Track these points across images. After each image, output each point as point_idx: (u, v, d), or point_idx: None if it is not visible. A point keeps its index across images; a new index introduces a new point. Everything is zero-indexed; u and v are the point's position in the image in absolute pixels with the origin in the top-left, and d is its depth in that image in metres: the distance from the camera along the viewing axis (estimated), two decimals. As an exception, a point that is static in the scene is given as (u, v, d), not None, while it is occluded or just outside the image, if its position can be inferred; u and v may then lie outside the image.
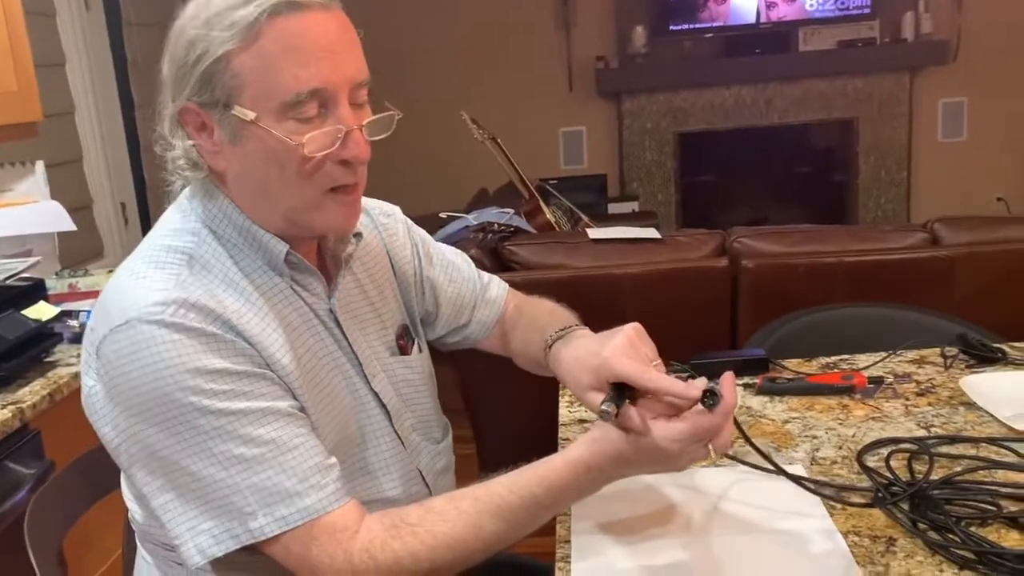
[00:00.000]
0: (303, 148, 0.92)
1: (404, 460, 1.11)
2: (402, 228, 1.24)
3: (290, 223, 0.98)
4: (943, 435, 1.25)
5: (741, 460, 1.21)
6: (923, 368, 1.51)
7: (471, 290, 1.30)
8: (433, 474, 1.16)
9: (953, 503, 1.05)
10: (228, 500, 0.90)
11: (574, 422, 1.39)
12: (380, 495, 1.08)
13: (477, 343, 1.32)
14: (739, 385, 1.47)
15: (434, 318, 1.27)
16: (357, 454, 1.06)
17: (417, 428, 1.15)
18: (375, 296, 1.15)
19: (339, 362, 1.05)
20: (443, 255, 1.30)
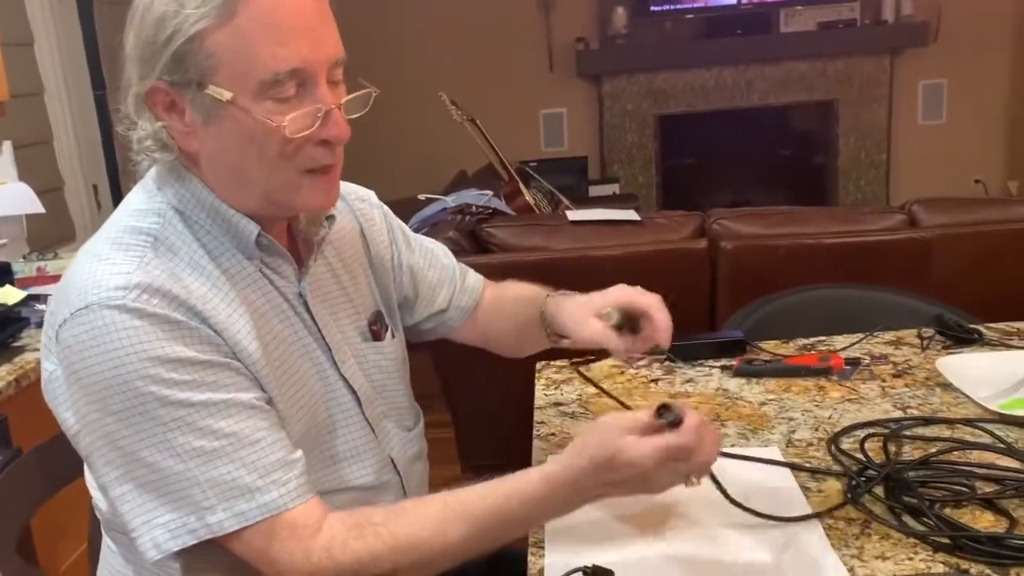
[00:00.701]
0: (284, 129, 0.90)
1: (375, 447, 1.10)
2: (378, 213, 1.22)
3: (267, 203, 0.96)
4: (919, 416, 1.25)
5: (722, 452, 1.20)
6: (900, 349, 1.51)
7: (450, 276, 1.30)
8: (405, 461, 1.15)
9: (928, 485, 1.05)
10: (186, 493, 0.88)
11: (549, 405, 1.39)
12: (350, 483, 1.06)
13: (452, 331, 1.31)
14: (716, 367, 1.47)
15: (412, 303, 1.26)
16: (327, 441, 1.05)
17: (388, 415, 1.14)
18: (347, 282, 1.13)
19: (308, 348, 1.04)
20: (421, 242, 1.30)
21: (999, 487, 1.04)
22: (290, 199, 0.96)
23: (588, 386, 1.44)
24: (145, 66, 0.91)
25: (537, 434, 1.29)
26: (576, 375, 1.49)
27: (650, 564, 0.96)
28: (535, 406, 1.38)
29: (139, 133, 0.95)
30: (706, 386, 1.42)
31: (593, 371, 1.50)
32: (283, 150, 0.91)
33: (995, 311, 1.64)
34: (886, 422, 1.23)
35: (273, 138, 0.90)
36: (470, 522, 0.91)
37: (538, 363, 1.54)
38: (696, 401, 1.36)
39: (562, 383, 1.47)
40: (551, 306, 1.18)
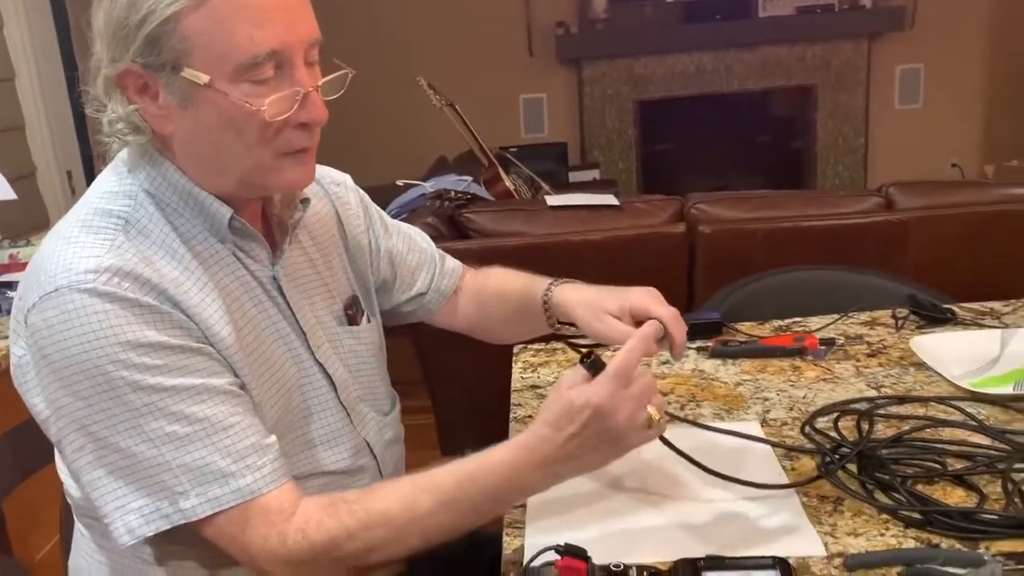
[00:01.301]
0: (263, 113, 0.89)
1: (350, 432, 1.09)
2: (354, 196, 1.22)
3: (243, 185, 0.96)
4: (892, 395, 1.26)
5: (695, 423, 1.21)
6: (874, 329, 1.52)
7: (430, 260, 1.30)
8: (381, 445, 1.15)
9: (900, 462, 1.06)
10: (159, 479, 0.88)
11: (526, 388, 1.39)
12: (326, 467, 1.06)
13: (430, 315, 1.31)
14: (692, 349, 1.48)
15: (391, 286, 1.26)
16: (302, 426, 1.04)
17: (364, 399, 1.13)
18: (322, 266, 1.12)
19: (282, 332, 1.03)
20: (398, 226, 1.29)
21: (970, 463, 1.06)
22: (267, 180, 0.95)
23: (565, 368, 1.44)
24: (117, 48, 0.89)
25: (514, 416, 1.30)
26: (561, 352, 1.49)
27: (626, 538, 0.96)
28: (512, 389, 1.39)
29: (109, 116, 0.93)
30: (682, 367, 1.42)
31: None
32: (262, 134, 0.91)
33: (970, 292, 1.66)
34: (860, 401, 1.24)
35: (252, 122, 0.90)
36: (439, 493, 0.91)
37: (516, 346, 1.54)
38: (672, 382, 1.37)
39: (539, 366, 1.47)
40: (558, 294, 1.17)
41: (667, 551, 0.92)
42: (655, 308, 1.08)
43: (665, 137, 5.30)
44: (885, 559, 0.88)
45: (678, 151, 5.34)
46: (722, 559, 0.87)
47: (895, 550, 0.91)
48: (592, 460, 0.91)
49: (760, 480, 1.03)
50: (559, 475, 0.91)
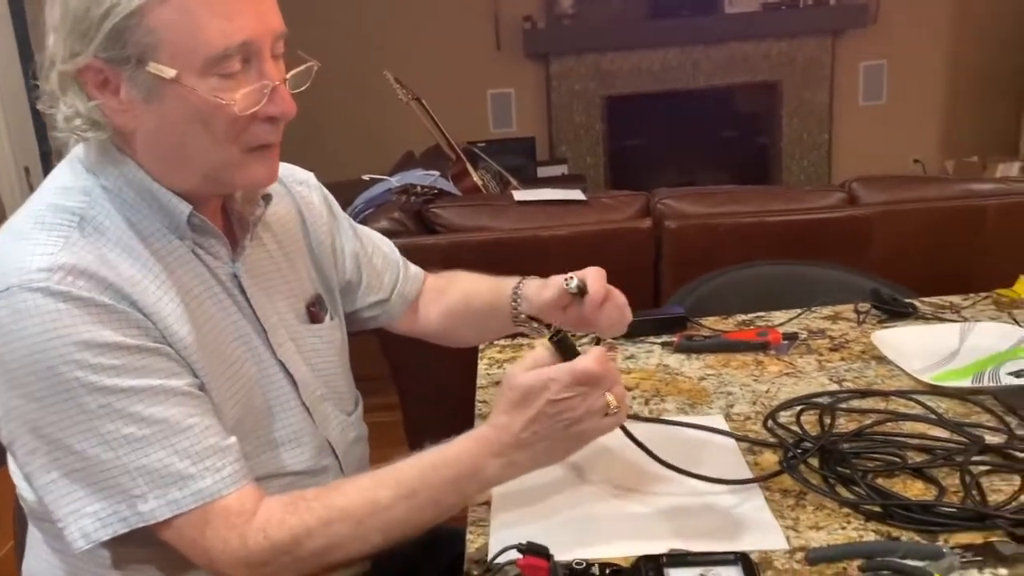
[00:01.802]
0: (234, 107, 0.88)
1: (312, 432, 1.08)
2: (317, 195, 1.21)
3: (207, 181, 0.94)
4: (854, 389, 1.27)
5: (658, 419, 1.21)
6: (837, 324, 1.53)
7: (394, 264, 1.30)
8: (344, 445, 1.14)
9: (861, 456, 1.07)
10: (116, 482, 0.86)
11: (492, 384, 1.38)
12: (288, 468, 1.05)
13: (391, 322, 1.31)
14: (657, 344, 1.48)
15: (356, 288, 1.25)
16: (263, 427, 1.03)
17: (327, 398, 1.13)
18: (284, 264, 1.11)
19: (242, 331, 1.02)
20: (362, 229, 1.29)
21: (929, 456, 1.07)
22: (233, 176, 0.95)
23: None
24: (76, 42, 0.87)
25: (479, 413, 1.29)
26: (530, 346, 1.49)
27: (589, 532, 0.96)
28: (477, 385, 1.38)
29: (66, 111, 0.91)
30: (647, 362, 1.42)
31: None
32: (230, 128, 0.90)
33: (933, 285, 1.67)
34: (822, 395, 1.25)
35: (220, 116, 0.89)
36: (399, 487, 0.90)
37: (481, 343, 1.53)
38: (637, 377, 1.37)
39: (505, 362, 1.47)
40: (528, 286, 1.19)
41: (630, 546, 0.92)
42: (589, 272, 1.11)
43: (632, 133, 5.31)
44: (846, 552, 0.88)
45: (645, 147, 5.35)
46: (684, 555, 0.87)
47: (856, 543, 0.91)
48: (551, 449, 0.91)
49: (724, 474, 1.03)
50: (518, 465, 0.91)
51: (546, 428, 0.89)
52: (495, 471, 0.91)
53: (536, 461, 0.92)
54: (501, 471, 0.91)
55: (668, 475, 1.03)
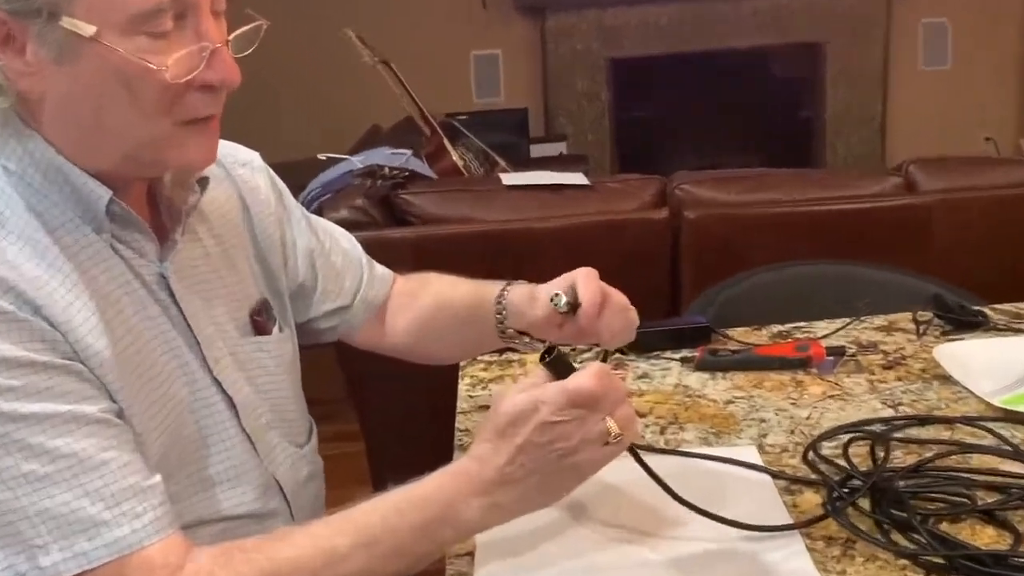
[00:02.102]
0: (166, 72, 0.88)
1: (256, 467, 1.08)
2: (263, 179, 1.21)
3: (130, 161, 0.94)
4: (912, 415, 1.27)
5: (677, 451, 1.21)
6: (892, 336, 1.53)
7: (356, 263, 1.30)
8: (294, 484, 1.14)
9: (921, 496, 1.07)
10: (13, 528, 0.85)
11: (475, 409, 1.38)
12: (225, 511, 1.05)
13: (352, 333, 1.31)
14: (675, 360, 1.48)
15: (311, 293, 1.25)
16: (195, 461, 1.03)
17: (274, 426, 1.12)
18: (223, 265, 1.11)
19: (171, 343, 1.01)
20: (318, 220, 1.29)
21: (1002, 496, 1.07)
22: (162, 156, 0.95)
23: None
24: None
25: (459, 444, 1.29)
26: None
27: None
28: (458, 410, 1.38)
29: None
30: (663, 382, 1.42)
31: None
32: (160, 98, 0.90)
33: (1005, 290, 1.68)
34: (874, 422, 1.25)
35: (149, 83, 0.88)
36: (359, 534, 0.90)
37: (462, 359, 1.54)
38: (651, 400, 1.37)
39: (490, 382, 1.47)
40: (515, 295, 1.19)
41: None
42: (579, 277, 1.10)
43: (644, 104, 5.32)
44: (902, 613, 0.88)
45: (660, 120, 5.36)
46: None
47: (914, 602, 0.91)
48: (542, 487, 0.90)
49: (756, 518, 1.03)
50: (503, 507, 0.90)
51: (536, 460, 0.88)
52: (475, 515, 0.90)
53: (525, 502, 0.91)
54: (483, 515, 0.90)
55: (687, 517, 1.03)
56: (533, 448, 0.88)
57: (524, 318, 1.18)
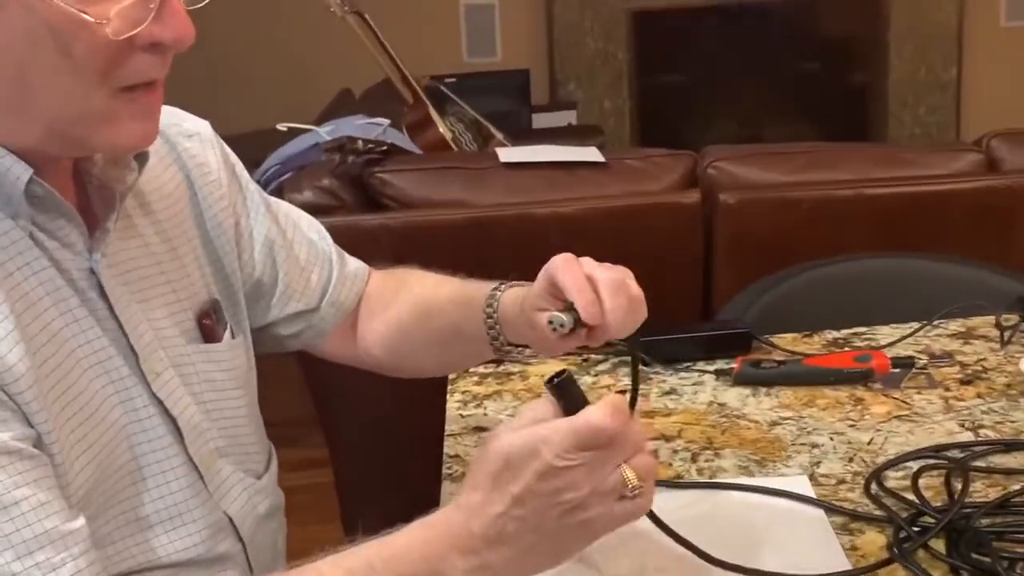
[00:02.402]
0: (106, 26, 0.88)
1: (204, 503, 1.08)
2: (214, 155, 1.21)
3: (54, 136, 0.94)
4: (995, 440, 1.27)
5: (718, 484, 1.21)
6: (971, 344, 1.53)
7: (324, 257, 1.31)
8: (251, 522, 1.14)
9: (1006, 537, 1.07)
10: None
11: (467, 431, 1.38)
12: (165, 557, 1.04)
13: (318, 342, 1.32)
14: (709, 372, 1.48)
15: (269, 292, 1.26)
16: (130, 497, 1.02)
17: (226, 452, 1.12)
18: (165, 258, 1.11)
19: (102, 355, 1.01)
20: (280, 204, 1.30)
21: (1105, 538, 1.07)
22: (94, 132, 0.94)
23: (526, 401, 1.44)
24: None
25: (448, 473, 1.29)
26: (506, 386, 1.49)
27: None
28: (446, 432, 1.39)
29: None
30: (694, 399, 1.42)
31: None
32: (98, 58, 0.89)
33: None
34: (950, 448, 1.25)
35: (85, 39, 0.88)
36: None
37: (451, 371, 1.54)
38: (680, 421, 1.37)
39: (485, 399, 1.47)
40: (507, 302, 1.17)
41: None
42: (559, 275, 1.04)
43: (671, 65, 5.32)
44: None
45: (689, 85, 5.37)
46: None
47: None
48: (542, 547, 0.89)
49: (808, 562, 1.03)
50: (493, 570, 0.89)
51: (536, 514, 0.87)
52: (463, 570, 0.89)
53: (521, 565, 0.90)
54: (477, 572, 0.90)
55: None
56: (533, 499, 0.87)
57: (519, 332, 1.17)
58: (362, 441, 2.63)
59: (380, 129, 2.99)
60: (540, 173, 2.58)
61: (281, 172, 2.73)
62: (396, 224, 2.44)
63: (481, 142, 3.82)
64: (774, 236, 2.40)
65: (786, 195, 2.46)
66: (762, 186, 2.49)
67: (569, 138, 4.11)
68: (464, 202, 2.52)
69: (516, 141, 3.76)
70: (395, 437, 2.45)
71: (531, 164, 2.61)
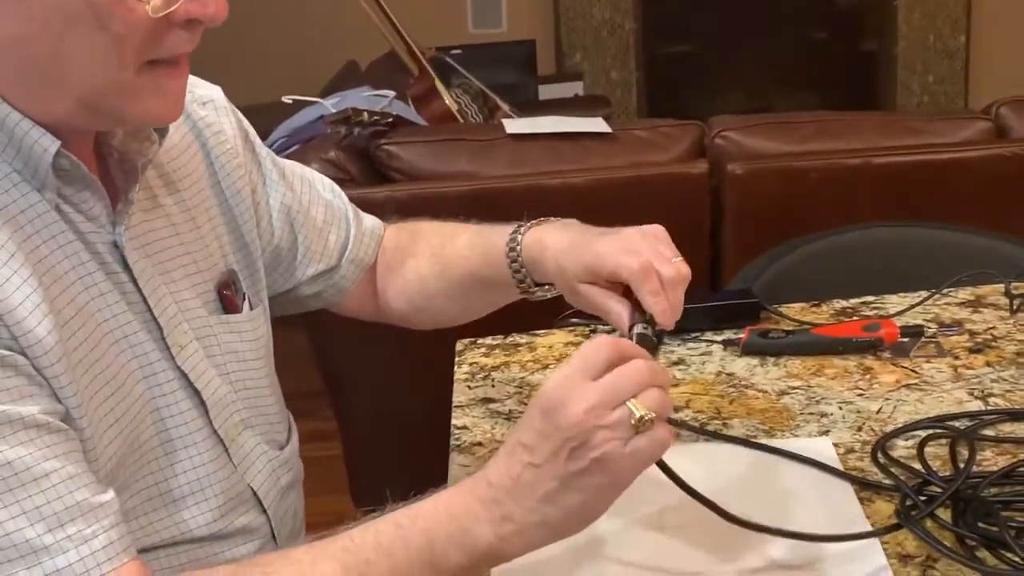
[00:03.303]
0: (145, 3, 0.88)
1: (229, 475, 1.09)
2: (229, 122, 1.21)
3: (85, 109, 0.94)
4: (1004, 409, 1.27)
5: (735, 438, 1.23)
6: (980, 313, 1.53)
7: (341, 216, 1.31)
8: (275, 494, 1.15)
9: (1014, 506, 1.07)
10: None
11: (475, 403, 1.39)
12: (192, 530, 1.05)
13: (339, 300, 1.33)
14: (717, 343, 1.48)
15: (291, 257, 1.26)
16: (156, 472, 1.03)
17: (251, 424, 1.13)
18: (185, 227, 1.11)
19: (127, 329, 1.01)
20: (293, 166, 1.30)
21: (1115, 506, 1.06)
22: (124, 105, 0.95)
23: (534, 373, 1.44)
24: None
25: (457, 444, 1.29)
26: (514, 357, 1.49)
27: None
28: (454, 403, 1.39)
29: None
30: (702, 370, 1.42)
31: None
32: (134, 34, 0.90)
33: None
34: (958, 417, 1.25)
35: (123, 17, 0.89)
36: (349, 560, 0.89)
37: (459, 342, 1.54)
38: (688, 391, 1.37)
39: (493, 370, 1.47)
40: (530, 244, 1.18)
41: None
42: (621, 259, 1.07)
43: (679, 34, 5.30)
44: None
45: (697, 56, 5.35)
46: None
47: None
48: (563, 501, 0.88)
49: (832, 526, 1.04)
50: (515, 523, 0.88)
51: (547, 459, 0.87)
52: (487, 533, 0.89)
53: (545, 520, 0.88)
54: (495, 533, 0.89)
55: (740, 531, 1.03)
56: (541, 441, 0.87)
57: (543, 272, 1.18)
58: (370, 414, 2.65)
59: (385, 101, 2.99)
60: (546, 144, 2.59)
61: (287, 145, 2.74)
62: (403, 196, 2.44)
63: (487, 114, 3.82)
64: (782, 206, 2.41)
65: (794, 164, 2.46)
66: (770, 156, 2.49)
67: (576, 109, 4.10)
68: (470, 174, 2.53)
69: (522, 112, 3.75)
70: (403, 410, 2.46)
71: (537, 135, 2.62)
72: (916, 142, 2.49)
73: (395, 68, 3.83)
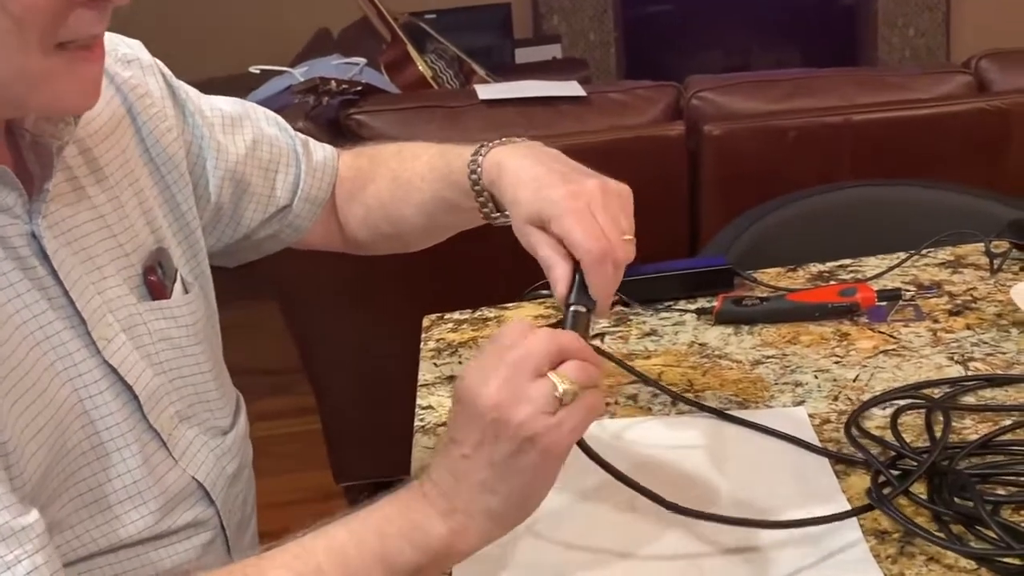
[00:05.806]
0: None
1: (170, 471, 1.06)
2: (155, 83, 1.17)
3: None
4: (983, 374, 1.25)
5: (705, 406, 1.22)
6: (960, 274, 1.52)
7: (289, 154, 1.28)
8: (222, 483, 1.12)
9: (992, 479, 1.05)
10: None
11: (440, 380, 1.37)
12: (130, 535, 1.02)
13: (298, 236, 1.32)
14: (689, 311, 1.47)
15: (232, 207, 1.24)
16: (88, 477, 1.00)
17: (188, 415, 1.10)
18: (108, 208, 1.07)
19: (48, 329, 0.97)
20: (231, 105, 1.27)
21: (1097, 477, 1.05)
22: (32, 92, 0.91)
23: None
24: None
25: (421, 424, 1.28)
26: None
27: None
28: (419, 382, 1.37)
29: None
30: (675, 340, 1.41)
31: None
32: (36, 15, 0.86)
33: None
34: (937, 384, 1.24)
35: None
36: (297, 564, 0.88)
37: (425, 317, 1.53)
38: (660, 363, 1.36)
39: (461, 346, 1.46)
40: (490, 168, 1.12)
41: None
42: (576, 232, 0.99)
43: (657, -6, 5.31)
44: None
45: (674, 15, 5.37)
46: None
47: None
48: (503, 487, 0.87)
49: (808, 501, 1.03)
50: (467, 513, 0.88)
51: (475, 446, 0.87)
52: (438, 528, 0.89)
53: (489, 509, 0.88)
54: (447, 527, 0.89)
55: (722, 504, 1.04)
56: (465, 428, 0.87)
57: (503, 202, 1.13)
58: (346, 389, 2.65)
59: (356, 69, 2.97)
60: (520, 109, 2.60)
61: (256, 116, 2.72)
62: (374, 166, 2.43)
63: (463, 79, 3.82)
64: (761, 166, 2.42)
65: (772, 124, 2.47)
66: (747, 116, 2.50)
67: (554, 72, 4.10)
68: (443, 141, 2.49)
69: (499, 77, 3.76)
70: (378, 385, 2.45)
71: (511, 100, 2.62)
72: (895, 98, 2.49)
73: (368, 35, 3.82)
